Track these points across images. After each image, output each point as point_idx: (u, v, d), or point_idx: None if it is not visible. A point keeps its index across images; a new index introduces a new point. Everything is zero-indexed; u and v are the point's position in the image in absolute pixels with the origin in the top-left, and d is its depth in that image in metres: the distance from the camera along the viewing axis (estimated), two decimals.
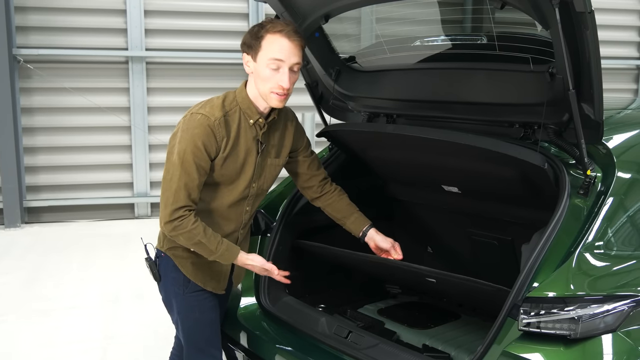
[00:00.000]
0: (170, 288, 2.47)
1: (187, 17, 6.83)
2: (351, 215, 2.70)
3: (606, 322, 1.94)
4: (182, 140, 2.24)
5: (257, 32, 2.25)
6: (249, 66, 2.31)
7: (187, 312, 2.45)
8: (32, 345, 3.96)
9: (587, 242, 2.06)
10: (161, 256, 2.47)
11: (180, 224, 2.24)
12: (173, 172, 2.25)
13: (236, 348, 2.72)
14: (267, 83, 2.28)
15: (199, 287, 2.44)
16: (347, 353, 2.38)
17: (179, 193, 2.24)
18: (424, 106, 2.82)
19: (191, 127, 2.24)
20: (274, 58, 2.24)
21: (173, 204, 2.24)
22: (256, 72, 2.29)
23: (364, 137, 2.93)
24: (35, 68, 6.47)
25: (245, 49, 2.30)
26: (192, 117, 2.27)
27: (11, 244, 6.03)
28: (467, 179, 2.77)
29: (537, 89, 2.30)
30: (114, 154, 6.92)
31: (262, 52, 2.25)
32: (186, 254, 2.41)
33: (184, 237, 2.27)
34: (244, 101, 2.35)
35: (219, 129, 2.26)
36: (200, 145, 2.23)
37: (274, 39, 2.24)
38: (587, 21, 1.93)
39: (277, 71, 2.26)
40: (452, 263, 3.29)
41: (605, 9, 8.05)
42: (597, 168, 2.26)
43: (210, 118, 2.25)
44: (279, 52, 2.24)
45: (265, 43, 2.24)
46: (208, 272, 2.45)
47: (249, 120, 2.35)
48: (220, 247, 2.31)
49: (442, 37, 2.81)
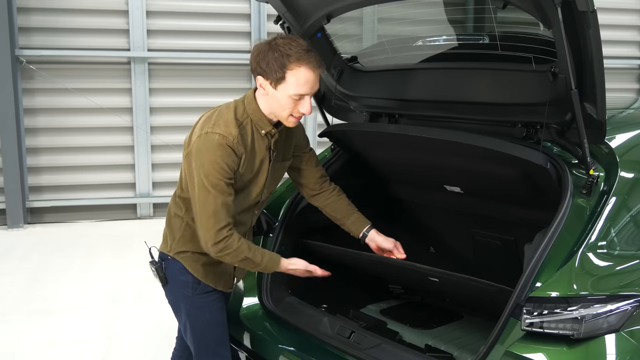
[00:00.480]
0: (178, 291, 2.45)
1: (189, 18, 6.83)
2: (351, 215, 2.69)
3: (609, 322, 1.93)
4: (204, 163, 2.19)
5: (281, 62, 2.15)
6: (265, 89, 2.23)
7: (196, 314, 2.44)
8: (34, 346, 3.97)
9: (590, 242, 2.06)
10: (167, 259, 2.45)
11: (227, 245, 2.23)
12: (205, 196, 2.20)
13: (239, 348, 2.72)
14: (287, 109, 2.24)
15: (208, 288, 2.44)
16: (349, 353, 2.37)
17: (219, 214, 2.21)
18: (426, 106, 2.82)
19: (211, 149, 2.18)
20: (299, 93, 2.20)
21: (215, 225, 2.21)
22: (274, 98, 2.23)
23: (366, 137, 2.92)
24: (37, 69, 6.48)
25: (263, 74, 2.20)
26: (207, 137, 2.20)
27: (14, 244, 6.04)
28: (470, 179, 2.76)
29: (539, 89, 2.30)
30: (117, 154, 6.92)
31: (286, 85, 2.18)
32: (196, 257, 2.40)
33: (230, 257, 2.26)
34: (255, 113, 2.30)
35: (238, 146, 2.23)
36: (224, 166, 2.19)
37: (300, 73, 2.16)
38: (589, 20, 1.93)
39: (299, 101, 2.22)
40: (455, 263, 3.29)
41: (607, 8, 8.03)
42: (600, 168, 2.25)
43: (229, 137, 2.20)
44: (304, 87, 2.19)
45: (291, 76, 2.17)
46: (217, 273, 2.46)
47: (261, 131, 2.32)
48: (264, 259, 2.34)
49: (444, 37, 2.81)
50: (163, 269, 2.46)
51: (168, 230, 2.48)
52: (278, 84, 2.19)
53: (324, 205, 2.69)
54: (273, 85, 2.21)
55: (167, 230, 2.48)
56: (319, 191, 2.67)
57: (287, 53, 2.16)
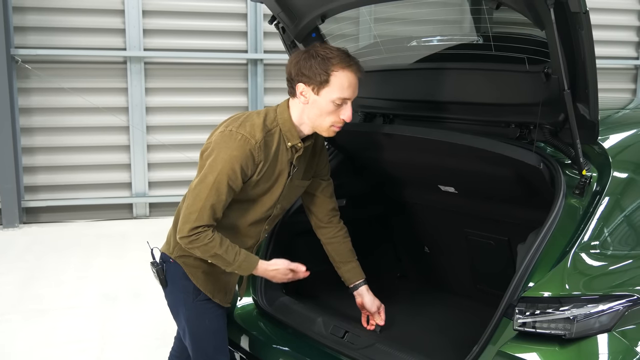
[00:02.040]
0: (178, 295, 2.42)
1: (186, 17, 6.83)
2: (349, 262, 2.67)
3: (601, 321, 1.94)
4: (218, 159, 2.14)
5: (325, 65, 2.14)
6: (306, 97, 2.19)
7: (196, 320, 2.41)
8: (30, 345, 3.96)
9: (582, 242, 2.06)
10: (169, 261, 2.41)
11: (197, 239, 2.18)
12: (202, 190, 2.16)
13: (233, 348, 2.72)
14: (329, 117, 2.21)
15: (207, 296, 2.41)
16: (343, 353, 2.38)
17: (203, 213, 2.16)
18: (420, 106, 2.82)
19: (230, 148, 2.14)
20: (343, 97, 2.18)
21: (195, 221, 2.16)
22: (315, 105, 2.20)
23: (361, 137, 2.93)
24: (33, 68, 6.47)
25: (305, 79, 2.17)
26: (231, 135, 2.16)
27: (9, 244, 6.03)
28: (464, 179, 2.77)
29: (532, 89, 2.30)
30: (112, 154, 6.92)
31: (330, 89, 2.16)
32: (197, 263, 2.36)
33: (200, 251, 2.21)
34: (286, 123, 2.25)
35: (258, 152, 2.18)
36: (237, 168, 2.14)
37: (344, 76, 2.16)
38: (582, 21, 1.93)
39: (340, 106, 2.20)
40: (449, 263, 3.30)
41: (603, 8, 8.05)
42: (593, 168, 2.26)
43: (251, 141, 2.15)
44: (347, 90, 2.17)
45: (335, 79, 2.15)
46: (217, 283, 2.42)
47: (287, 143, 2.27)
48: (237, 258, 2.25)
49: (438, 37, 2.82)
50: (164, 271, 2.42)
51: (173, 230, 2.41)
52: (321, 88, 2.16)
53: (327, 242, 2.66)
54: (315, 91, 2.18)
55: (172, 231, 2.42)
56: (326, 224, 2.64)
57: (329, 57, 2.15)
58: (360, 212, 3.29)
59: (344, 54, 2.19)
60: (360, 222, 3.33)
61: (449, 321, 2.98)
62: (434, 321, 2.99)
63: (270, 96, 7.27)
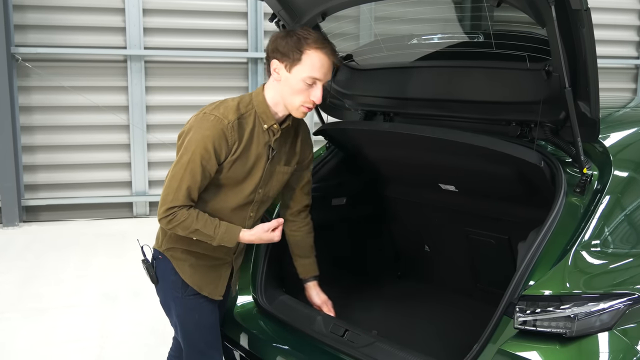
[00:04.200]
0: (168, 291, 2.44)
1: (186, 16, 6.82)
2: (308, 258, 2.72)
3: (602, 320, 1.93)
4: (192, 140, 2.19)
5: (299, 44, 2.19)
6: (279, 74, 2.24)
7: (186, 315, 2.43)
8: (29, 344, 3.96)
9: (583, 241, 2.06)
10: (159, 258, 2.44)
11: (174, 218, 2.22)
12: (177, 171, 2.21)
13: (233, 347, 2.71)
14: (299, 96, 2.25)
15: (195, 291, 2.41)
16: (343, 351, 2.37)
17: (179, 193, 2.21)
18: (421, 104, 2.82)
19: (203, 128, 2.18)
20: (314, 77, 2.22)
21: (171, 202, 2.22)
22: (287, 82, 2.24)
23: (361, 136, 2.93)
24: (33, 67, 6.46)
25: (279, 56, 2.23)
26: (204, 117, 2.21)
27: (9, 242, 6.02)
28: (464, 177, 2.77)
29: (533, 87, 2.30)
30: (113, 152, 6.91)
31: (301, 67, 2.20)
32: (184, 256, 2.39)
33: (180, 228, 2.25)
34: (261, 105, 2.30)
35: (231, 132, 2.21)
36: (210, 148, 2.18)
37: (317, 56, 2.20)
38: (583, 19, 1.93)
39: (311, 86, 2.23)
40: (449, 261, 3.30)
41: (604, 8, 8.04)
42: (594, 166, 2.26)
43: (224, 121, 2.20)
44: (319, 71, 2.21)
45: (307, 58, 2.20)
46: (206, 277, 2.43)
47: (263, 125, 2.30)
48: (218, 231, 2.27)
49: (439, 35, 2.81)
50: (154, 267, 2.45)
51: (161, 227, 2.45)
52: (294, 65, 2.21)
53: (290, 234, 2.69)
54: (288, 68, 2.22)
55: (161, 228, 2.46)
56: (295, 218, 2.66)
57: (305, 37, 2.21)
58: (360, 211, 3.29)
59: (320, 36, 2.25)
60: (360, 221, 3.33)
61: (449, 320, 2.98)
62: (434, 320, 2.99)
63: None
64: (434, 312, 3.09)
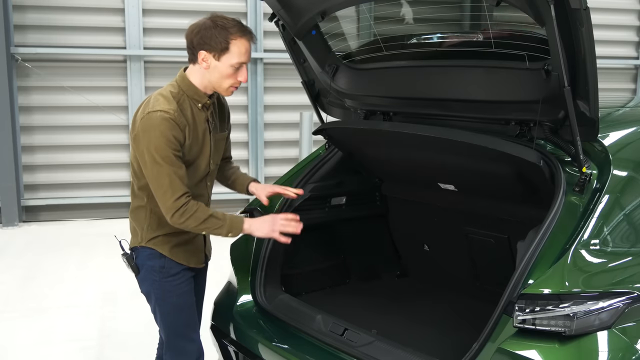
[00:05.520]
0: (147, 276, 2.55)
1: (185, 16, 6.76)
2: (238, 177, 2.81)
3: (601, 319, 1.94)
4: (151, 139, 2.30)
5: (225, 34, 2.35)
6: (207, 62, 2.38)
7: (164, 298, 2.53)
8: (29, 343, 3.96)
9: (582, 240, 2.06)
10: (137, 249, 2.55)
11: (186, 209, 2.33)
12: (158, 170, 2.31)
13: (232, 345, 2.71)
14: (228, 80, 2.41)
15: (174, 270, 2.52)
16: (342, 350, 2.38)
17: (174, 184, 2.32)
18: (420, 104, 2.82)
19: (155, 125, 2.29)
20: (241, 62, 2.38)
21: (173, 194, 2.32)
22: (216, 70, 2.38)
23: (361, 135, 2.93)
24: (33, 67, 6.46)
25: (207, 47, 2.37)
26: (149, 116, 2.32)
27: (9, 242, 6.02)
28: (464, 176, 2.77)
29: (532, 86, 2.30)
30: (112, 152, 6.91)
31: (229, 55, 2.36)
32: (167, 239, 2.50)
33: (192, 219, 2.35)
34: (190, 88, 2.43)
35: (180, 119, 2.34)
36: (171, 137, 2.30)
37: (242, 43, 2.37)
38: (582, 18, 1.93)
39: (239, 70, 2.40)
40: (449, 260, 3.30)
41: (604, 8, 8.05)
42: (593, 165, 2.26)
43: (170, 111, 2.32)
44: (245, 55, 2.39)
45: (234, 46, 2.36)
46: (187, 250, 2.55)
47: (198, 104, 2.44)
48: (226, 216, 2.41)
49: (438, 35, 2.81)
50: (134, 258, 2.55)
51: (135, 223, 2.56)
52: (222, 54, 2.36)
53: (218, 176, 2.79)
54: (216, 57, 2.37)
55: (135, 224, 2.56)
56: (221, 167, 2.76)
57: (228, 27, 2.38)
58: (360, 210, 3.29)
59: (240, 24, 2.42)
60: (359, 220, 3.33)
61: (448, 319, 2.98)
62: (434, 319, 2.99)
63: (270, 95, 7.27)
64: (433, 311, 3.09)
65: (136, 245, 2.55)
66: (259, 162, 7.28)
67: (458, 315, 2.98)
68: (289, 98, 7.19)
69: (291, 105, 7.12)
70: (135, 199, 2.53)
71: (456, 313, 3.02)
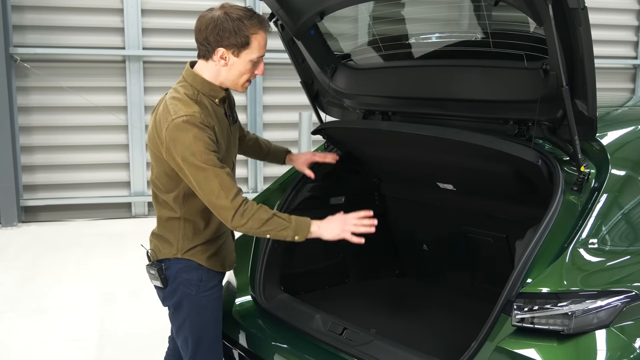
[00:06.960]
0: (181, 290, 2.40)
1: (184, 16, 6.83)
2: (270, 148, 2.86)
3: (599, 317, 1.94)
4: (187, 147, 2.16)
5: (243, 30, 2.22)
6: (226, 59, 2.26)
7: (198, 313, 2.42)
8: (29, 343, 3.96)
9: (580, 238, 2.06)
10: (168, 260, 2.41)
11: (247, 208, 2.20)
12: (204, 175, 2.17)
13: (232, 345, 2.72)
14: (245, 75, 2.31)
15: (211, 284, 2.42)
16: (342, 350, 2.38)
17: (225, 183, 2.18)
18: (419, 103, 2.83)
19: (185, 132, 2.17)
20: (261, 55, 2.29)
21: (227, 195, 2.18)
22: (234, 66, 2.28)
23: (359, 135, 2.93)
24: (32, 67, 6.47)
25: (227, 44, 2.23)
26: (175, 124, 2.18)
27: (8, 243, 6.02)
28: (462, 176, 2.77)
29: (531, 86, 2.31)
30: (111, 153, 6.91)
31: (249, 51, 2.25)
32: (205, 248, 2.39)
33: (254, 221, 2.20)
34: (205, 85, 2.31)
35: (207, 119, 2.22)
36: (206, 139, 2.18)
37: (262, 37, 2.26)
38: (580, 17, 1.94)
39: (256, 64, 2.31)
40: (448, 260, 3.30)
41: (602, 8, 8.06)
42: (591, 164, 2.26)
43: (195, 115, 2.19)
44: (264, 49, 2.30)
45: (254, 42, 2.24)
46: (221, 255, 2.46)
47: (215, 100, 2.33)
48: (291, 218, 2.26)
49: (436, 35, 2.82)
50: (164, 270, 2.41)
51: (169, 234, 2.40)
52: (242, 50, 2.25)
53: (247, 149, 2.80)
54: (236, 54, 2.25)
55: (168, 235, 2.41)
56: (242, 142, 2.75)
57: (244, 19, 2.23)
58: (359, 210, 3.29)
59: (255, 14, 2.28)
60: None
61: (447, 318, 2.98)
62: (432, 318, 3.00)
63: (269, 95, 7.27)
64: (432, 310, 3.10)
65: (169, 257, 2.41)
66: (258, 161, 7.29)
67: (457, 314, 2.99)
68: (288, 98, 7.20)
69: (290, 105, 7.13)
70: (166, 210, 2.39)
71: (455, 312, 3.03)
